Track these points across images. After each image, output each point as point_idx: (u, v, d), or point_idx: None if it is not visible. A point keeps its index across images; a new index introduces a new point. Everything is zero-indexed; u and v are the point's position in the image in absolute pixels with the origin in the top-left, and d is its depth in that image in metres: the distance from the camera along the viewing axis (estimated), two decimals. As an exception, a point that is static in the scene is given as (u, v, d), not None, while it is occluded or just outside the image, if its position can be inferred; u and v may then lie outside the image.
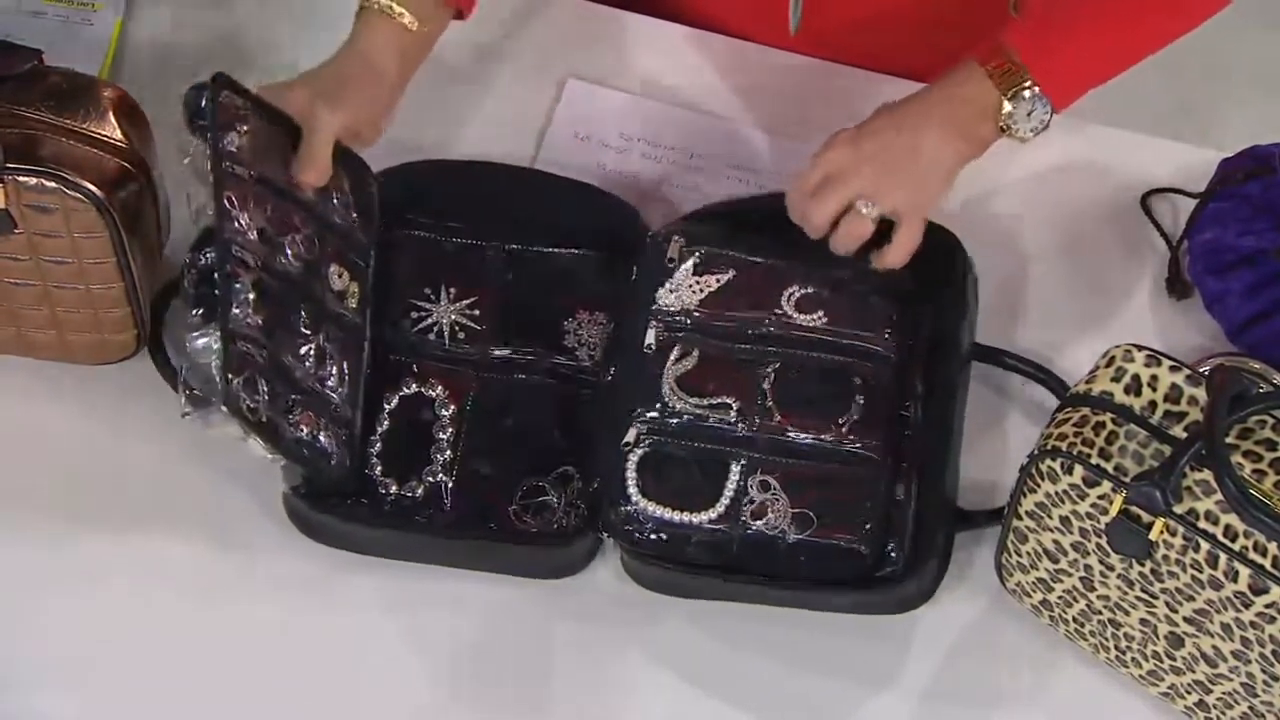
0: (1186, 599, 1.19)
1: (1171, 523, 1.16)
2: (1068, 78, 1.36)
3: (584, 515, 1.33)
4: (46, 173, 1.28)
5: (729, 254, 1.39)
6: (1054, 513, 1.22)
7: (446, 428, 1.37)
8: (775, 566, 1.31)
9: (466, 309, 1.42)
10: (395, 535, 1.34)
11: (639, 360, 1.36)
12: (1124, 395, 1.20)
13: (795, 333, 1.37)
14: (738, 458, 1.33)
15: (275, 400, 1.28)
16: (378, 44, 1.38)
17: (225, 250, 1.26)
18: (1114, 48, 1.39)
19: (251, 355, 1.27)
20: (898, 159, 1.34)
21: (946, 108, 1.36)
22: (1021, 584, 1.30)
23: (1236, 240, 1.44)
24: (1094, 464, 1.18)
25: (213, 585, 1.35)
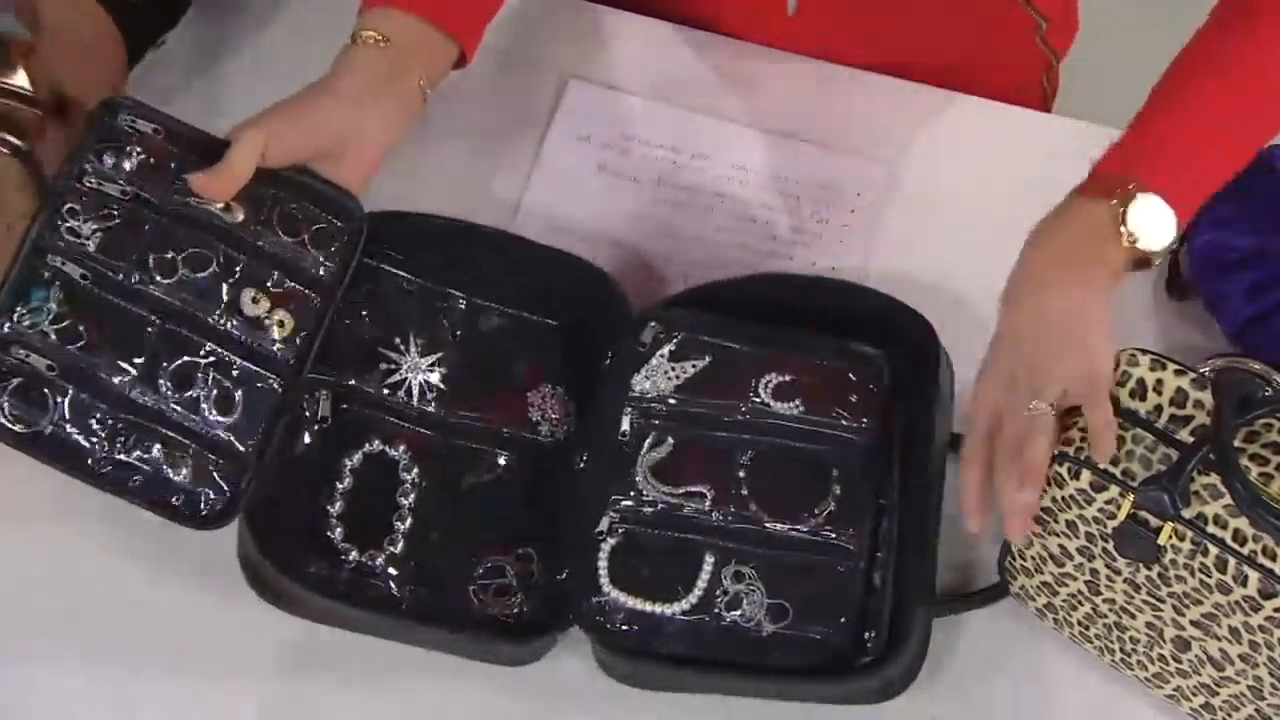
0: (1194, 603, 1.19)
1: (1180, 527, 1.16)
2: (1180, 176, 1.28)
3: (543, 602, 1.30)
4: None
5: (706, 340, 1.38)
6: (1060, 517, 1.22)
7: (409, 493, 1.34)
8: (751, 657, 1.29)
9: (433, 365, 1.38)
10: (350, 609, 1.28)
11: (613, 448, 1.34)
12: (1130, 400, 1.20)
13: (772, 421, 1.36)
14: (712, 547, 1.32)
15: (82, 417, 1.24)
16: (338, 66, 1.35)
17: (22, 256, 1.25)
18: (1233, 161, 1.33)
19: (26, 364, 1.23)
20: (1040, 345, 1.24)
21: (1056, 253, 1.26)
22: (1026, 587, 1.30)
23: (1237, 241, 1.44)
24: (1102, 468, 1.18)
25: (144, 629, 1.31)
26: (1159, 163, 1.26)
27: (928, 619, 1.29)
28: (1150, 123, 1.29)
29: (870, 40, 1.60)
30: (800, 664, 1.29)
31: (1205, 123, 1.28)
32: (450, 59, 1.39)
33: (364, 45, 1.33)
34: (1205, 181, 1.29)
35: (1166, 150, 1.27)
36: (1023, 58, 1.70)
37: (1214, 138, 1.29)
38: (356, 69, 1.33)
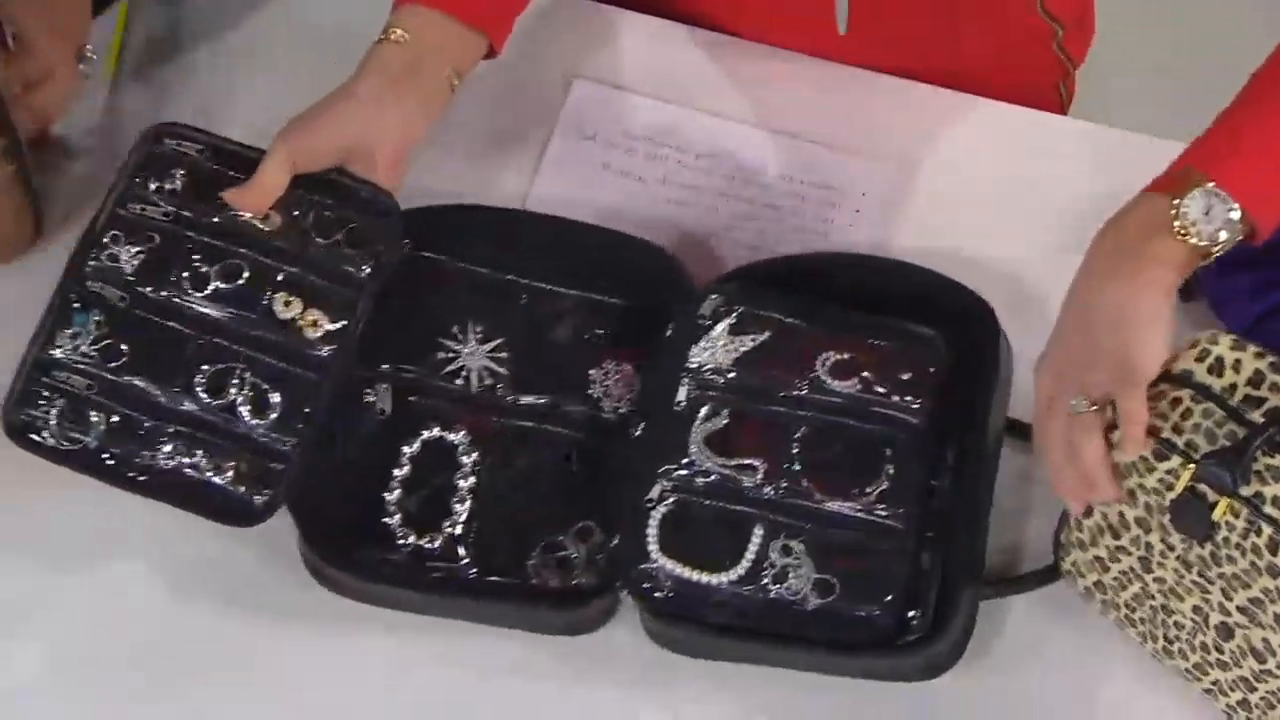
0: (1242, 586, 1.19)
1: (1236, 504, 1.16)
2: (1250, 173, 1.26)
3: (603, 572, 1.33)
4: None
5: (766, 315, 1.39)
6: (1121, 485, 1.23)
7: (468, 476, 1.37)
8: (795, 630, 1.30)
9: (493, 352, 1.42)
10: (411, 592, 1.33)
11: (668, 417, 1.36)
12: (1205, 375, 1.20)
13: (828, 398, 1.37)
14: (762, 520, 1.33)
15: (124, 430, 1.30)
16: (362, 65, 1.39)
17: (66, 285, 1.32)
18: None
19: (69, 385, 1.30)
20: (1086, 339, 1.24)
21: (1111, 246, 1.25)
22: (1078, 563, 1.30)
23: None
24: (1165, 437, 1.19)
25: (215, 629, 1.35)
26: (1225, 158, 1.25)
27: (974, 601, 1.30)
28: (1226, 121, 1.28)
29: (910, 54, 1.61)
30: (845, 638, 1.30)
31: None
32: (480, 50, 1.43)
33: (388, 43, 1.38)
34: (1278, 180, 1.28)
35: (1238, 147, 1.26)
36: (1040, 65, 1.70)
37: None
38: (378, 67, 1.38)
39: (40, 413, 1.30)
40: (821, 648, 1.30)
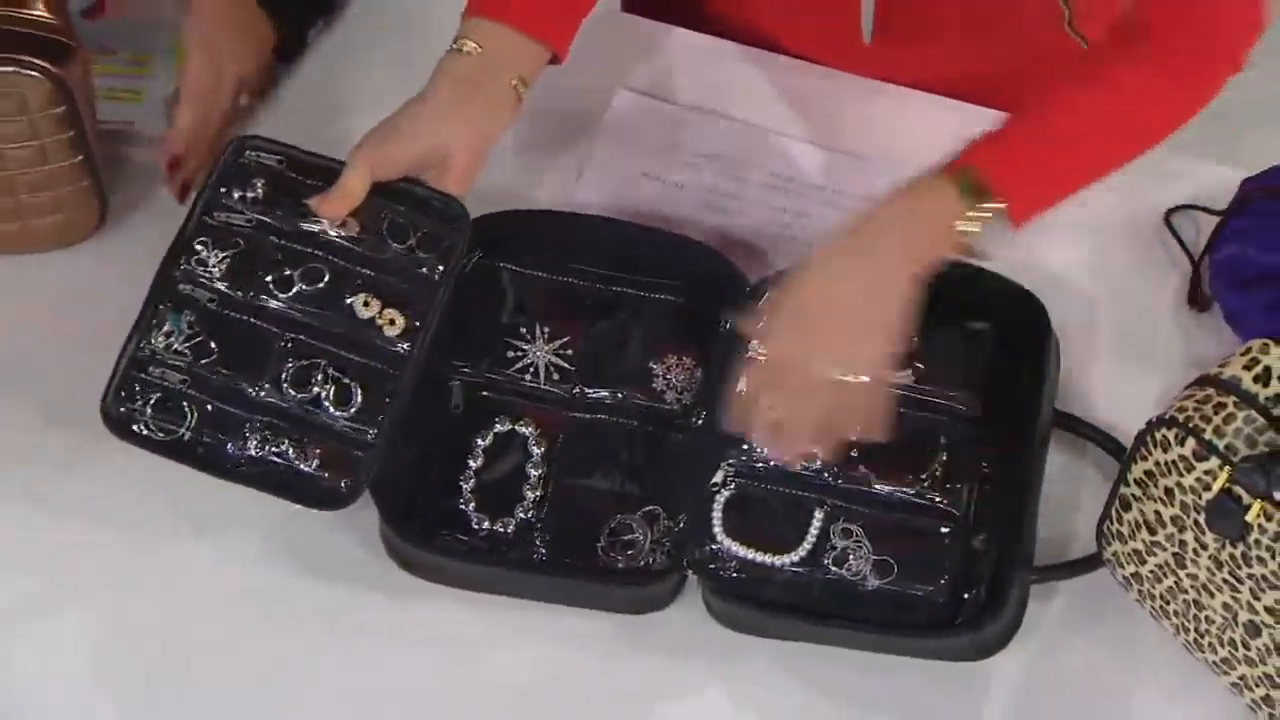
0: (1271, 587, 1.20)
1: (1269, 507, 1.17)
2: (1032, 196, 1.36)
3: (669, 553, 1.36)
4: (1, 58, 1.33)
5: None
6: (1160, 483, 1.25)
7: (539, 465, 1.40)
8: (854, 610, 1.33)
9: (560, 349, 1.45)
10: (487, 571, 1.37)
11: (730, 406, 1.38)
12: (1251, 383, 1.22)
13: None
14: (821, 504, 1.36)
15: (215, 422, 1.34)
16: (434, 76, 1.42)
17: (158, 288, 1.36)
18: (1077, 169, 1.40)
19: (164, 381, 1.34)
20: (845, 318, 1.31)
21: (901, 230, 1.33)
22: (1118, 554, 1.32)
23: (1258, 257, 1.47)
24: (1207, 439, 1.21)
25: (303, 609, 1.38)
26: (1009, 162, 1.33)
27: (1025, 584, 1.32)
28: (1014, 123, 1.37)
29: (937, 65, 1.63)
30: (902, 618, 1.33)
31: (1061, 134, 1.36)
32: (544, 59, 1.47)
33: (458, 54, 1.42)
34: (1045, 188, 1.36)
35: (1018, 152, 1.34)
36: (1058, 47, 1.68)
37: (1064, 149, 1.36)
38: (450, 78, 1.42)
39: (137, 406, 1.34)
40: (880, 627, 1.33)
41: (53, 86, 1.36)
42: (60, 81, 1.36)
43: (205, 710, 1.35)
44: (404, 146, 1.40)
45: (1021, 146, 1.36)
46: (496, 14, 1.43)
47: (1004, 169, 1.33)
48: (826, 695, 1.33)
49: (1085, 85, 1.39)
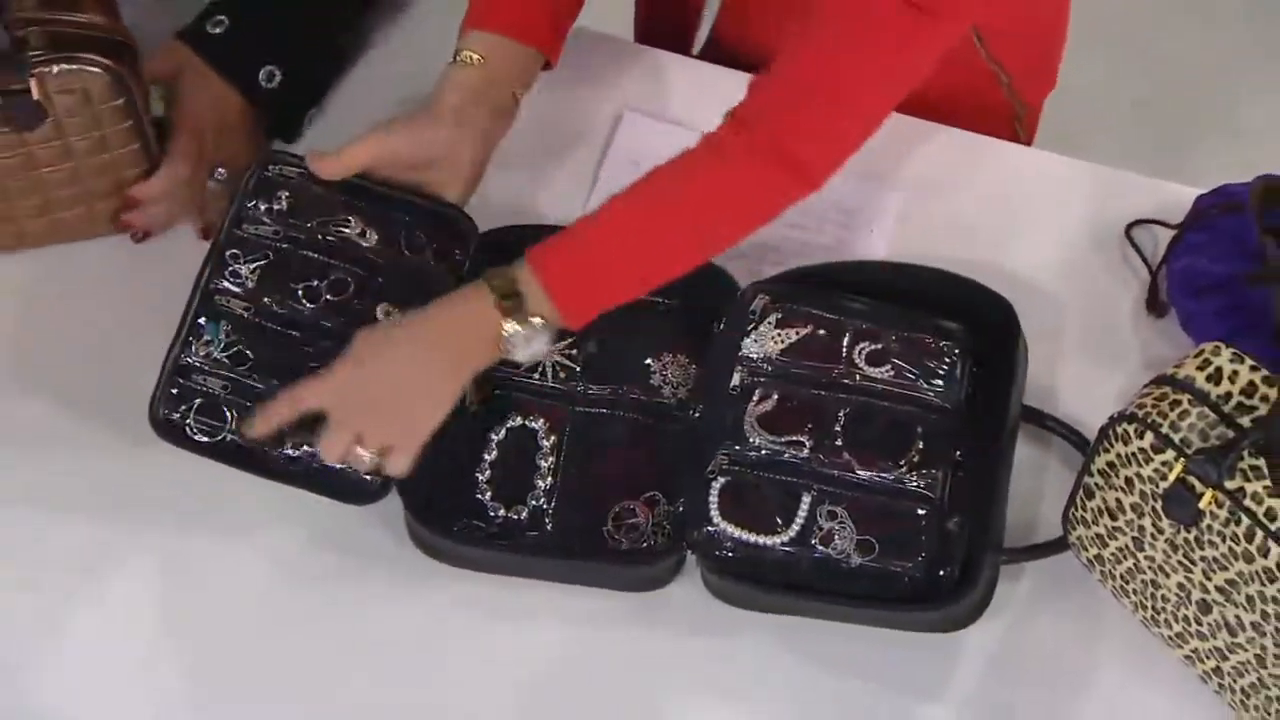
0: (1221, 568, 1.24)
1: (1220, 495, 1.22)
2: (586, 305, 1.37)
3: (669, 535, 1.41)
4: (64, 58, 1.40)
5: (809, 311, 1.46)
6: (1121, 473, 1.28)
7: (547, 456, 1.46)
8: (839, 586, 1.37)
9: (566, 350, 1.49)
10: (503, 555, 1.42)
11: (724, 400, 1.43)
12: (1204, 382, 1.26)
13: (865, 383, 1.44)
14: (809, 489, 1.40)
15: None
16: (440, 85, 1.46)
17: (194, 299, 1.41)
18: (637, 278, 1.40)
19: (205, 387, 1.39)
20: (393, 398, 1.36)
21: (445, 340, 1.37)
22: (1082, 538, 1.37)
23: (1210, 267, 1.51)
24: (1164, 433, 1.25)
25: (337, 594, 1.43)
26: (560, 267, 1.35)
27: (995, 564, 1.38)
28: (571, 235, 1.37)
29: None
30: (884, 593, 1.38)
31: (614, 231, 1.37)
32: (538, 65, 1.52)
33: (463, 65, 1.47)
34: (597, 289, 1.37)
35: (571, 252, 1.36)
36: (991, 105, 1.74)
37: (618, 246, 1.37)
38: (455, 87, 1.47)
39: (182, 411, 1.39)
40: (862, 601, 1.38)
41: (112, 80, 1.42)
42: (118, 75, 1.42)
43: (252, 680, 1.39)
44: (413, 148, 1.45)
45: (568, 252, 1.36)
46: (493, 26, 1.48)
47: (550, 274, 1.34)
48: (814, 663, 1.39)
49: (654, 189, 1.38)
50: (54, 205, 1.50)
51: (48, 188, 1.48)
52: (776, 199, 1.40)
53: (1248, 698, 1.32)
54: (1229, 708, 1.35)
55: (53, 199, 1.50)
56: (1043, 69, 1.79)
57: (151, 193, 1.53)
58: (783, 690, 1.39)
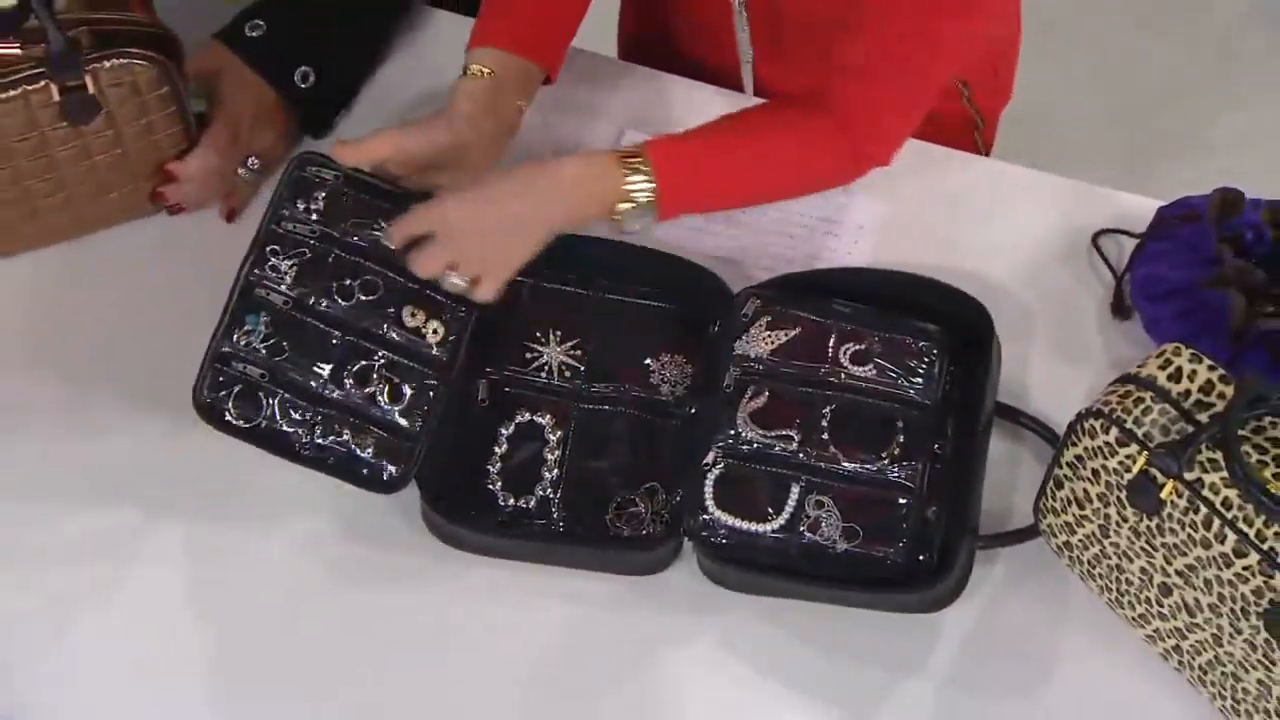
0: (1180, 554, 1.28)
1: (1180, 486, 1.25)
2: (682, 204, 1.47)
3: (667, 523, 1.46)
4: (114, 54, 1.47)
5: (797, 314, 1.50)
6: (1088, 465, 1.32)
7: (554, 450, 1.50)
8: (826, 570, 1.41)
9: (571, 350, 1.54)
10: (512, 541, 1.46)
11: (719, 397, 1.47)
12: (1166, 380, 1.29)
13: (849, 381, 1.47)
14: (798, 479, 1.43)
15: (287, 412, 1.43)
16: (455, 95, 1.52)
17: (236, 290, 1.45)
18: (727, 194, 1.53)
19: (245, 374, 1.43)
20: (500, 228, 1.43)
21: (570, 189, 1.44)
22: (1052, 525, 1.40)
23: (1171, 273, 1.55)
24: (1128, 428, 1.28)
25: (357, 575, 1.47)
26: (679, 191, 1.46)
27: (971, 549, 1.41)
28: (689, 137, 1.49)
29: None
30: (867, 576, 1.41)
31: (717, 161, 1.48)
32: (539, 80, 1.58)
33: (473, 77, 1.53)
34: (693, 198, 1.49)
35: (682, 162, 1.46)
36: (952, 116, 1.79)
37: (717, 175, 1.48)
38: (467, 97, 1.53)
39: (223, 396, 1.43)
40: (847, 584, 1.41)
41: (158, 71, 1.50)
42: (163, 66, 1.50)
43: (274, 654, 1.43)
44: (425, 145, 1.49)
45: (690, 159, 1.47)
46: (501, 43, 1.54)
47: (672, 175, 1.45)
48: (802, 642, 1.42)
49: (758, 130, 1.50)
50: (107, 187, 1.58)
51: (100, 171, 1.55)
52: (841, 181, 1.58)
53: (1205, 674, 1.36)
54: (1187, 684, 1.39)
55: (105, 181, 1.57)
56: (999, 82, 1.84)
57: (185, 172, 1.60)
58: (773, 666, 1.42)
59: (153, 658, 1.43)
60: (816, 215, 1.67)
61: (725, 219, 1.68)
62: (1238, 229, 1.56)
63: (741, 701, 1.41)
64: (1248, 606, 1.26)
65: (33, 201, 1.56)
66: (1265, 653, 1.27)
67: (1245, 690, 1.33)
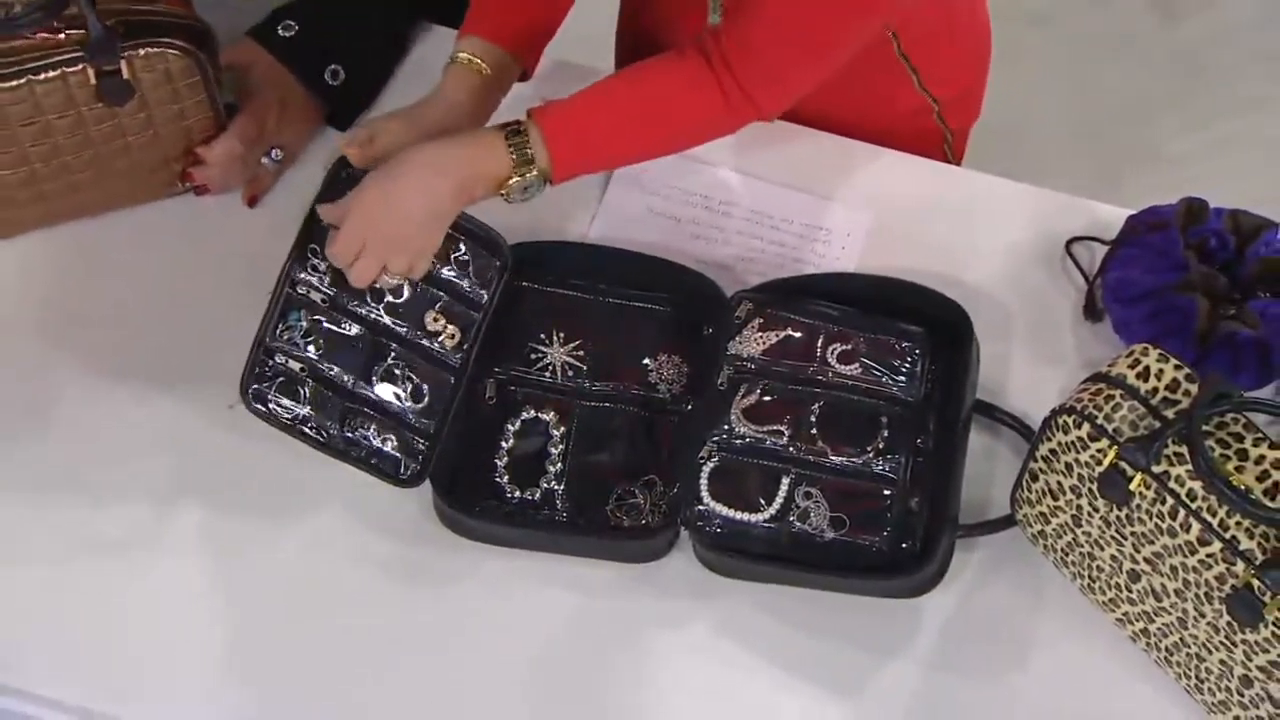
0: (1148, 542, 1.31)
1: (1149, 479, 1.27)
2: (575, 163, 1.47)
3: (665, 514, 1.48)
4: (148, 42, 1.52)
5: (787, 316, 1.53)
6: (1062, 458, 1.34)
7: (557, 445, 1.53)
8: (814, 557, 1.44)
9: (573, 351, 1.57)
10: (518, 531, 1.49)
11: (713, 395, 1.50)
12: (1134, 379, 1.31)
13: (836, 379, 1.51)
14: (788, 472, 1.47)
15: (322, 405, 1.47)
16: (452, 84, 1.55)
17: (282, 286, 1.47)
18: (616, 154, 1.53)
19: (286, 367, 1.46)
20: (408, 218, 1.44)
21: (460, 172, 1.45)
22: (1027, 515, 1.43)
23: (1140, 278, 1.57)
24: (1099, 423, 1.30)
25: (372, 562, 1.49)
26: (568, 156, 1.46)
27: (951, 538, 1.45)
28: (574, 97, 1.48)
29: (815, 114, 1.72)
30: (853, 563, 1.44)
31: (603, 109, 1.48)
32: (515, 74, 1.61)
33: (465, 65, 1.56)
34: (585, 155, 1.48)
35: (567, 121, 1.46)
36: (923, 131, 1.81)
37: (606, 129, 1.48)
38: (465, 88, 1.56)
39: (266, 387, 1.46)
40: (835, 571, 1.44)
41: (189, 60, 1.54)
42: (194, 54, 1.55)
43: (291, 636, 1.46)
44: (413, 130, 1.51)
45: (575, 118, 1.47)
46: (488, 35, 1.57)
47: (561, 137, 1.45)
48: (792, 626, 1.45)
49: (643, 79, 1.50)
50: (139, 168, 1.62)
51: (133, 152, 1.60)
52: (733, 125, 1.52)
53: (1170, 655, 1.38)
54: (1155, 664, 1.42)
55: (138, 161, 1.61)
56: (968, 100, 1.86)
57: (210, 156, 1.65)
58: (764, 648, 1.45)
59: (167, 643, 1.45)
60: (806, 223, 1.70)
61: (718, 227, 1.70)
62: (1203, 235, 1.59)
63: (734, 681, 1.44)
64: (1211, 591, 1.28)
65: (70, 176, 1.61)
66: (1227, 635, 1.29)
67: (1208, 670, 1.35)
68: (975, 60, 1.83)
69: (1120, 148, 3.03)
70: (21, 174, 1.58)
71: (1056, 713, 1.43)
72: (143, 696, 1.44)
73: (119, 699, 1.44)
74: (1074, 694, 1.43)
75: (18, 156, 1.57)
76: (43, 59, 1.50)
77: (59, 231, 1.67)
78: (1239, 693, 1.33)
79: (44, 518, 1.51)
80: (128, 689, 1.44)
